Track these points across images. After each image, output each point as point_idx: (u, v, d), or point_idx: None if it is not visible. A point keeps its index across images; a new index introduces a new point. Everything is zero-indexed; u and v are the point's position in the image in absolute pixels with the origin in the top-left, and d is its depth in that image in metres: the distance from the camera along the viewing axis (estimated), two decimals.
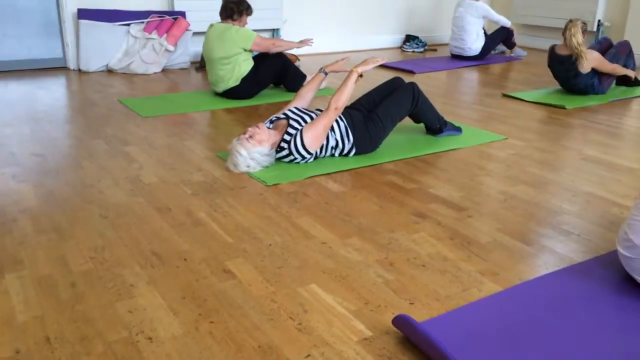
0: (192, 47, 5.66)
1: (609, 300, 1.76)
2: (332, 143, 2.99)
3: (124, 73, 5.31)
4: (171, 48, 5.34)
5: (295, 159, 2.91)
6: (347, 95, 2.93)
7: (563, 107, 4.11)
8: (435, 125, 3.37)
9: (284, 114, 3.04)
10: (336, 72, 3.40)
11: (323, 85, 4.55)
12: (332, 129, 2.99)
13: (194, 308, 1.72)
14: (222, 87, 4.26)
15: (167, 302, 1.75)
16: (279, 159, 2.94)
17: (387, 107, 3.11)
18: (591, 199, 2.56)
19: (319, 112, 3.04)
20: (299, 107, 3.10)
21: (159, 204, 2.47)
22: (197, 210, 2.41)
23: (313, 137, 2.88)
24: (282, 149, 2.88)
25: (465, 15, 5.94)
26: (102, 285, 1.83)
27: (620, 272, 1.92)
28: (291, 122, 2.92)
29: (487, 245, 2.14)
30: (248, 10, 4.28)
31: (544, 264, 2.00)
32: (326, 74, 3.33)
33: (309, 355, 1.52)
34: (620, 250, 1.84)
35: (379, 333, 1.61)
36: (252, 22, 5.91)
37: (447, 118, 3.52)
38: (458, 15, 6.02)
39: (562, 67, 4.38)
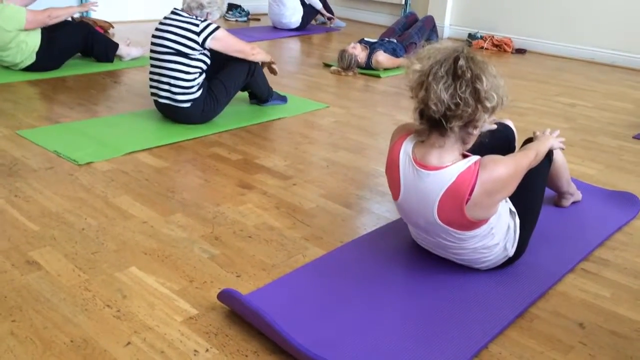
0: None
1: (417, 250, 1.91)
2: (199, 67, 2.93)
3: None
4: None
5: (192, 27, 2.85)
6: (259, 57, 3.13)
7: (378, 76, 4.35)
8: (264, 95, 3.36)
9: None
10: None
11: (139, 53, 4.27)
12: (202, 70, 2.95)
13: None
14: (18, 68, 3.76)
15: None
16: (175, 25, 2.88)
17: (221, 81, 3.03)
18: None
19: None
20: None
21: None
22: None
23: (224, 37, 2.93)
24: (195, 23, 2.86)
25: None
26: None
27: None
28: None
29: (311, 211, 2.19)
30: None
31: (363, 225, 2.11)
32: None
33: (129, 343, 1.42)
34: None
35: (204, 310, 1.57)
36: None
37: (273, 88, 3.52)
38: None
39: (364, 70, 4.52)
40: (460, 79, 1.45)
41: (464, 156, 1.59)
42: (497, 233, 1.67)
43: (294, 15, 6.00)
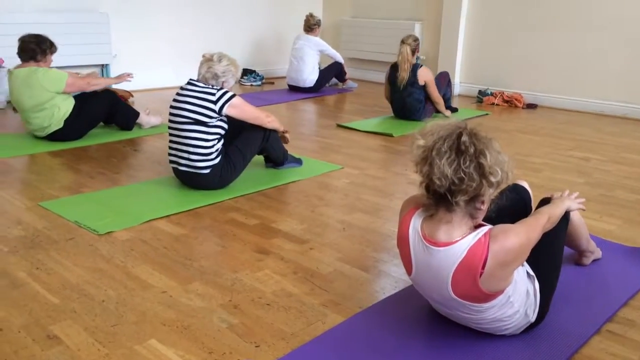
0: (7, 85, 5.13)
1: (438, 316, 1.88)
2: (217, 134, 3.01)
3: None
4: None
5: (208, 96, 2.96)
6: (273, 124, 3.25)
7: (391, 135, 4.41)
8: (280, 159, 3.42)
9: None
10: None
11: (158, 121, 4.39)
12: (220, 136, 3.04)
13: None
14: (44, 133, 3.91)
15: None
16: (192, 95, 2.99)
17: (238, 147, 3.11)
18: None
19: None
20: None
21: None
22: (16, 270, 2.15)
23: (240, 104, 3.03)
24: (212, 92, 2.96)
25: (304, 47, 6.24)
26: None
27: None
28: None
29: (328, 275, 2.18)
30: (52, 48, 3.93)
31: (382, 289, 2.10)
32: None
33: None
34: None
35: None
36: (80, 57, 5.55)
37: (288, 150, 3.58)
38: (297, 47, 6.29)
39: (402, 75, 4.69)
40: (463, 154, 1.46)
41: (477, 226, 1.59)
42: (516, 301, 1.64)
43: (311, 74, 6.24)
